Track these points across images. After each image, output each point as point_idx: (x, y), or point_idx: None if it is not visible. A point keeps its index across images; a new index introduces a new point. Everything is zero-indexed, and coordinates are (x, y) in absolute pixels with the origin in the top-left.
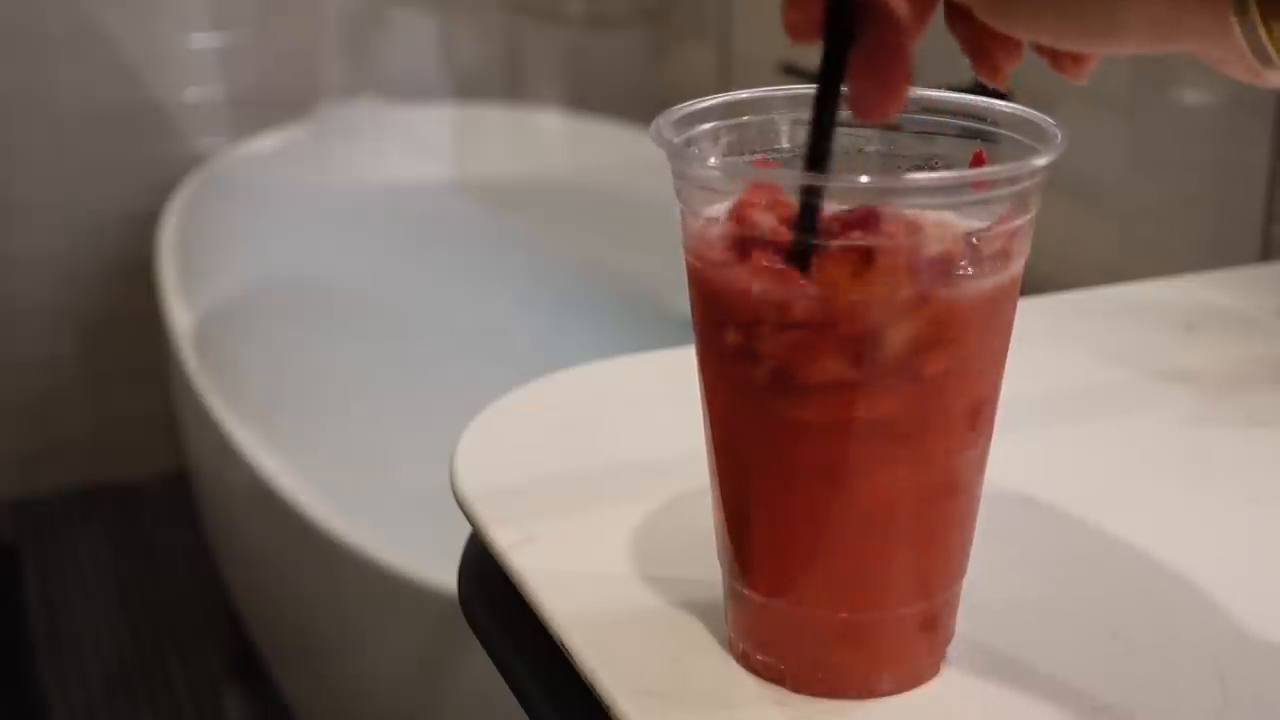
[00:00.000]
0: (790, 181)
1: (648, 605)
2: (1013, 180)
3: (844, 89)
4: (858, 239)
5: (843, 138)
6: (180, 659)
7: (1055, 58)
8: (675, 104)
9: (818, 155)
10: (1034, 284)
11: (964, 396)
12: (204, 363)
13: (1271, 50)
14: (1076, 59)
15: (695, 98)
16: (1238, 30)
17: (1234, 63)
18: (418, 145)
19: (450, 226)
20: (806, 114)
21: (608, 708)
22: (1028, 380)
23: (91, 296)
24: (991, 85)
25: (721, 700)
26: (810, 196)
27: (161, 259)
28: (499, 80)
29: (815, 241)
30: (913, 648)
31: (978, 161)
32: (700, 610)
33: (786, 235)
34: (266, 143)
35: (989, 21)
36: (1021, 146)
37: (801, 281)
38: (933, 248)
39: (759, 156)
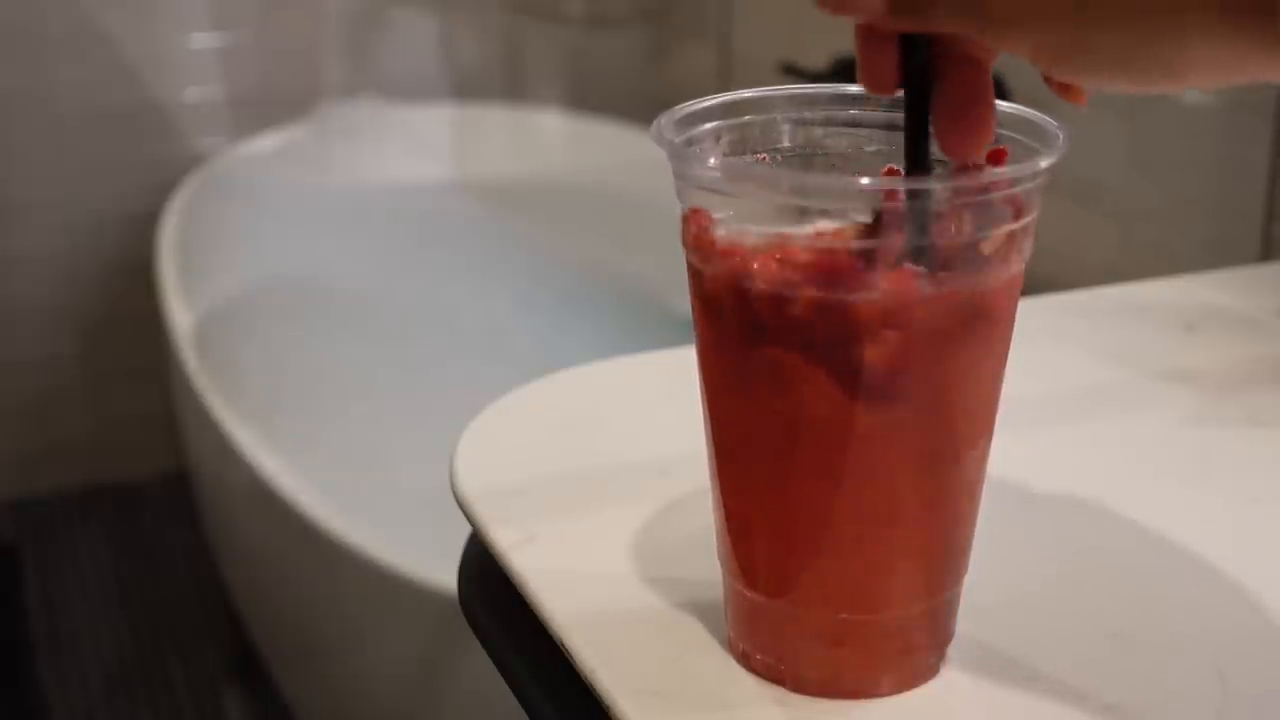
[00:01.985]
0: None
1: (648, 605)
2: (1014, 182)
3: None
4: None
5: (843, 137)
6: (180, 659)
7: (1063, 88)
8: (675, 104)
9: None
10: (1034, 284)
11: (965, 396)
12: (204, 363)
13: None
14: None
15: (695, 98)
16: None
17: None
18: (418, 145)
19: (450, 226)
20: (807, 114)
21: (608, 708)
22: (1028, 380)
23: (91, 296)
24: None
25: (721, 700)
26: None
27: (161, 259)
28: (499, 80)
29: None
30: (913, 648)
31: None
32: (700, 610)
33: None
34: (266, 143)
35: (1049, 73)
36: (1023, 147)
37: (799, 282)
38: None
39: (760, 156)
